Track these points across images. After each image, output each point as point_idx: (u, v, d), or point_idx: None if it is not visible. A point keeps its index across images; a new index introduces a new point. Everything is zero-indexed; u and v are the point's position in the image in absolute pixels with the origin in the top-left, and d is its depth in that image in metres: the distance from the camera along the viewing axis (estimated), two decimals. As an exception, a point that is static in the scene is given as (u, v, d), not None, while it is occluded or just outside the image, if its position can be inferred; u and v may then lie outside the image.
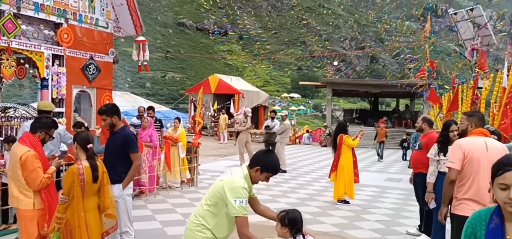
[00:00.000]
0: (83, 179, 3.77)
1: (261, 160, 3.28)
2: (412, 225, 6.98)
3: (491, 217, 2.00)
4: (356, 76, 63.33)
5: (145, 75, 56.88)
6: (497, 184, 1.98)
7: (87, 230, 3.81)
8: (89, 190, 3.85)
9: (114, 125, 4.81)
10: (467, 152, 3.87)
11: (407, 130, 24.61)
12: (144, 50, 9.04)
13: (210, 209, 3.20)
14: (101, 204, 4.01)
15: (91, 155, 3.90)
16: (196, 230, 3.18)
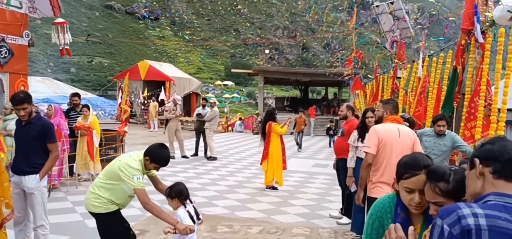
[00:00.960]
0: None
1: (152, 151, 3.71)
2: (335, 208, 7.27)
3: (396, 210, 2.05)
4: (288, 64, 64.68)
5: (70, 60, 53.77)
6: (402, 186, 1.99)
7: None
8: None
9: (31, 114, 4.50)
10: (382, 137, 4.08)
11: (331, 117, 25.64)
12: (65, 33, 8.49)
13: (105, 183, 3.72)
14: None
15: None
16: (93, 199, 3.74)
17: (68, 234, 5.62)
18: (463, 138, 5.91)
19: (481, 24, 5.91)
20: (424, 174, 1.87)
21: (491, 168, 1.42)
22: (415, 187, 1.92)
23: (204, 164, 12.06)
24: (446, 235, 1.32)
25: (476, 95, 5.81)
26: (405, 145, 4.06)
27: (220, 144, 17.16)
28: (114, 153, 9.75)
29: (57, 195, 7.66)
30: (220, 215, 6.82)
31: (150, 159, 3.69)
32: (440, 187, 1.72)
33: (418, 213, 1.97)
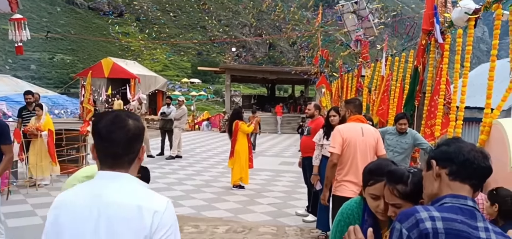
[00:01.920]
0: None
1: None
2: (301, 206, 7.34)
3: (364, 216, 2.05)
4: (255, 62, 64.81)
5: (30, 57, 51.90)
6: (368, 193, 1.99)
7: None
8: None
9: None
10: (346, 137, 4.15)
11: (302, 115, 25.91)
12: (21, 29, 8.16)
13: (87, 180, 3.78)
14: None
15: None
16: None
17: (28, 238, 5.41)
18: (424, 136, 6.09)
19: (441, 25, 6.10)
20: None
21: (447, 169, 1.46)
22: (380, 193, 1.91)
23: (169, 163, 11.91)
24: (405, 238, 1.34)
25: (435, 94, 6.00)
26: (368, 143, 4.16)
27: (187, 143, 16.99)
28: (76, 153, 9.47)
29: (15, 198, 7.37)
30: (186, 215, 6.75)
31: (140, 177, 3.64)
32: (398, 189, 1.75)
33: (386, 219, 1.97)
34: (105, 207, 1.54)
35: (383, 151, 4.31)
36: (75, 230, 1.55)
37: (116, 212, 1.53)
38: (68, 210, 1.58)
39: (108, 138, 1.57)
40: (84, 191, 1.62)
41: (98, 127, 1.58)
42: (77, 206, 1.57)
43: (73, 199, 1.61)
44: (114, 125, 1.58)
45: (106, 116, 1.62)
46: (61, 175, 9.13)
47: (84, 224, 1.54)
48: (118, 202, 1.54)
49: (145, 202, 1.56)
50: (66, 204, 1.60)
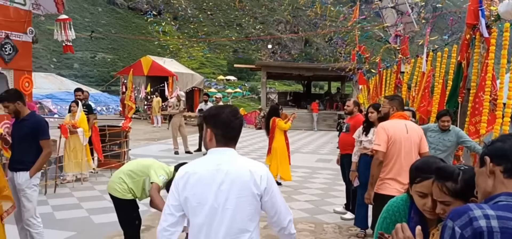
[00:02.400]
0: None
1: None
2: (339, 203, 7.28)
3: (410, 214, 2.03)
4: (290, 59, 64.55)
5: (73, 55, 53.75)
6: (415, 190, 1.97)
7: None
8: None
9: (18, 112, 4.53)
10: (391, 134, 4.09)
11: (338, 112, 25.63)
12: (67, 29, 8.51)
13: (132, 173, 4.26)
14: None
15: None
16: (117, 183, 4.25)
17: (74, 230, 5.65)
18: (468, 133, 5.90)
19: (486, 18, 5.88)
20: None
21: (502, 167, 1.41)
22: (428, 191, 1.89)
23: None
24: (458, 237, 1.30)
25: (481, 90, 5.79)
26: (413, 141, 4.08)
27: (223, 139, 17.14)
28: (118, 148, 9.77)
29: (62, 191, 7.70)
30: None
31: None
32: (447, 186, 1.71)
33: (433, 217, 1.93)
34: (226, 172, 2.10)
35: (427, 149, 4.20)
36: (202, 189, 2.10)
37: (235, 175, 2.10)
38: (195, 176, 2.12)
39: (229, 124, 2.17)
40: (207, 162, 2.17)
41: (222, 117, 2.17)
42: (203, 172, 2.12)
43: (199, 168, 2.16)
44: (233, 116, 2.20)
45: (226, 109, 2.21)
46: (103, 169, 9.48)
47: (210, 185, 2.09)
48: (235, 168, 2.12)
49: (253, 168, 2.14)
50: (194, 172, 2.14)
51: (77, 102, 8.54)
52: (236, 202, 2.08)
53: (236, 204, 2.08)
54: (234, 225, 2.08)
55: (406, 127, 4.14)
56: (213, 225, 2.09)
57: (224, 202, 2.08)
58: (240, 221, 2.09)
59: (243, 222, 2.10)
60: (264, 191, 2.11)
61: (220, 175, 2.09)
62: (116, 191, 4.25)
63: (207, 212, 2.09)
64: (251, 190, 2.09)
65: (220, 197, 2.08)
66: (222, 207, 2.08)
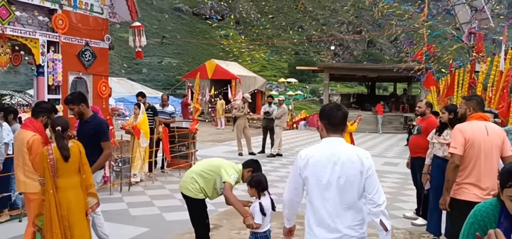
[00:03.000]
0: (52, 158, 3.86)
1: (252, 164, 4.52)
2: (409, 208, 7.02)
3: (500, 219, 1.94)
4: (353, 60, 63.26)
5: (142, 61, 56.46)
6: (507, 195, 1.88)
7: (59, 208, 3.86)
8: (62, 169, 3.91)
9: (82, 113, 4.80)
10: (468, 137, 3.87)
11: (404, 114, 24.71)
12: (140, 35, 8.96)
13: (203, 173, 4.43)
14: (83, 182, 4.08)
15: (57, 135, 3.96)
16: (189, 183, 4.44)
17: (148, 226, 5.93)
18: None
19: None
20: None
21: None
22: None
23: (271, 161, 12.16)
24: None
25: None
26: (494, 143, 3.83)
27: (286, 141, 17.17)
28: (186, 149, 10.12)
29: (136, 190, 8.10)
30: (290, 212, 6.84)
31: (252, 170, 4.41)
32: None
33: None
34: (338, 156, 2.65)
35: (510, 152, 3.91)
36: (320, 169, 2.66)
37: (345, 158, 2.64)
38: (314, 158, 2.69)
39: (332, 114, 2.75)
40: (322, 147, 2.73)
41: (326, 109, 2.81)
42: (319, 156, 2.69)
43: (315, 152, 2.72)
44: (336, 108, 2.80)
45: (330, 104, 2.86)
46: (172, 169, 9.87)
47: (325, 166, 2.65)
48: (345, 152, 2.67)
49: (359, 152, 2.69)
50: (312, 155, 2.71)
51: (139, 105, 8.74)
52: (346, 179, 2.63)
53: (346, 180, 2.63)
54: (345, 197, 2.63)
55: (486, 129, 3.90)
56: (328, 198, 2.65)
57: (337, 179, 2.63)
58: (350, 194, 2.65)
59: (352, 195, 2.65)
60: (367, 170, 2.64)
61: (334, 157, 2.64)
62: (188, 191, 4.45)
63: (323, 188, 2.65)
64: (359, 169, 2.62)
65: (334, 175, 2.63)
66: (336, 183, 2.63)
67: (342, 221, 2.65)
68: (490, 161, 3.78)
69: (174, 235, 5.64)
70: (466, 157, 3.87)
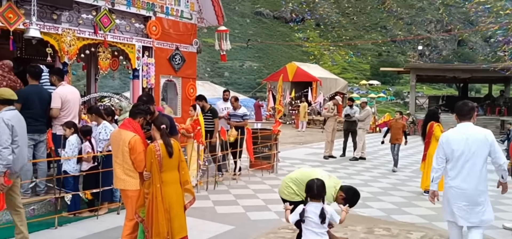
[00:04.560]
0: (159, 154, 4.15)
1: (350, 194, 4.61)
2: (508, 218, 6.47)
3: None
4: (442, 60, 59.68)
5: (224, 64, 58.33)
6: None
7: (163, 201, 4.15)
8: (167, 164, 4.21)
9: (153, 113, 5.13)
10: None
11: (502, 118, 22.78)
12: (225, 40, 9.27)
13: (296, 180, 4.71)
14: (181, 178, 4.35)
15: (163, 133, 4.26)
16: (284, 188, 4.81)
17: (233, 224, 6.09)
18: None
19: None
20: None
21: None
22: None
23: (353, 164, 11.88)
24: None
25: None
26: None
27: (369, 145, 16.66)
28: (268, 151, 10.24)
29: (220, 188, 8.37)
30: (376, 217, 6.65)
31: (345, 199, 4.50)
32: None
33: None
34: (469, 134, 4.22)
35: None
36: (457, 143, 4.23)
37: (474, 134, 4.21)
38: (452, 137, 4.31)
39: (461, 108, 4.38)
40: (456, 130, 4.33)
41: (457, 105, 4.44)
42: (456, 135, 4.30)
43: (452, 133, 4.34)
44: (463, 104, 4.40)
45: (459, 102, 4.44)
46: (255, 170, 10.05)
47: (460, 141, 4.22)
48: (474, 131, 4.24)
49: (484, 131, 4.26)
50: (451, 135, 4.33)
51: (194, 107, 8.08)
52: (477, 149, 4.17)
53: (477, 149, 4.16)
54: (477, 162, 4.17)
55: None
56: (465, 163, 4.21)
57: (469, 149, 4.18)
58: (480, 160, 4.18)
59: (481, 162, 4.18)
60: (491, 142, 4.16)
61: (466, 135, 4.23)
62: (284, 195, 4.80)
63: (460, 155, 4.22)
64: (485, 142, 4.17)
65: (467, 147, 4.18)
66: (469, 152, 4.18)
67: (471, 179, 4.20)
68: None
69: (259, 233, 5.73)
70: None
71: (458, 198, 4.25)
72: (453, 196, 4.28)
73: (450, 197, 4.33)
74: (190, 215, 6.15)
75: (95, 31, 7.21)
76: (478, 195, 4.19)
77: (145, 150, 4.26)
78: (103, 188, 6.20)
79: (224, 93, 10.32)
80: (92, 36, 7.21)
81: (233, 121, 9.48)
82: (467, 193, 4.20)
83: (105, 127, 6.43)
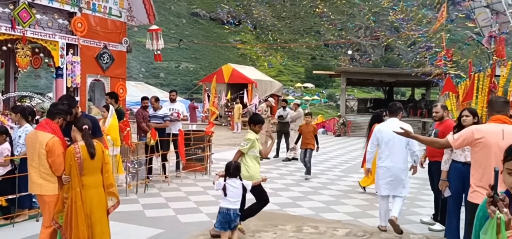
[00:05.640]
0: (79, 156, 3.94)
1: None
2: (426, 213, 6.91)
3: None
4: (370, 65, 62.71)
5: (159, 65, 57.11)
6: (506, 168, 2.04)
7: (84, 205, 3.94)
8: (88, 167, 4.00)
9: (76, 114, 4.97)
10: (480, 136, 3.82)
11: (423, 120, 24.36)
12: (158, 39, 9.07)
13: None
14: (104, 181, 4.16)
15: (85, 134, 4.04)
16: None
17: (163, 227, 5.95)
18: None
19: None
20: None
21: None
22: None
23: (286, 165, 12.12)
24: None
25: None
26: None
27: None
28: (201, 152, 10.15)
29: (151, 192, 8.16)
30: (305, 215, 6.81)
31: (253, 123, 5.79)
32: None
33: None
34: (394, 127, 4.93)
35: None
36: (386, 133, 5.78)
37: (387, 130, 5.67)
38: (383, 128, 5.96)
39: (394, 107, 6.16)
40: (386, 123, 6.04)
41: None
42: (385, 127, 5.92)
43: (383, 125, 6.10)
44: (394, 104, 6.19)
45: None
46: (188, 172, 9.91)
47: (388, 132, 5.62)
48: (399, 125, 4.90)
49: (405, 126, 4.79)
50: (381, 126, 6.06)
51: (107, 107, 7.40)
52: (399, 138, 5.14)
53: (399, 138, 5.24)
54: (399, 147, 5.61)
55: (503, 132, 3.81)
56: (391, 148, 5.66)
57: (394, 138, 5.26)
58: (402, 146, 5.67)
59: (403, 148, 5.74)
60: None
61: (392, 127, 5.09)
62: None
63: (388, 142, 5.54)
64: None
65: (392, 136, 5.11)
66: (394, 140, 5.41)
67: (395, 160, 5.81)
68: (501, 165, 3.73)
69: (189, 236, 5.65)
70: (478, 158, 3.83)
71: (386, 174, 5.78)
72: (382, 174, 5.80)
73: (380, 174, 5.83)
74: (117, 220, 5.94)
75: (12, 26, 6.74)
76: (400, 173, 5.77)
77: (65, 152, 4.04)
78: (20, 194, 5.78)
79: (171, 94, 9.99)
80: (10, 31, 6.73)
81: (154, 122, 8.87)
82: (391, 171, 5.75)
83: (26, 130, 6.00)
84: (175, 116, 9.27)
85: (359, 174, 11.00)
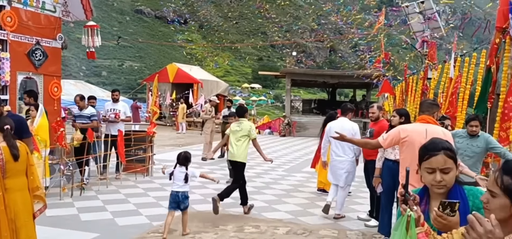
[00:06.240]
0: (1, 158, 3.69)
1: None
2: (363, 210, 7.16)
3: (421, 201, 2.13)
4: (315, 67, 64.29)
5: (101, 63, 55.16)
6: (424, 167, 2.11)
7: (7, 210, 3.70)
8: (11, 169, 3.76)
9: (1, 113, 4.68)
10: (405, 135, 4.04)
11: (363, 120, 25.28)
12: (94, 36, 8.72)
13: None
14: (30, 184, 3.92)
15: (7, 134, 3.79)
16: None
17: (98, 231, 5.73)
18: (498, 140, 5.72)
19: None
20: (443, 154, 2.04)
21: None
22: (435, 166, 2.05)
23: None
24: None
25: (510, 95, 5.61)
26: None
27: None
28: (143, 153, 9.90)
29: (88, 194, 7.83)
30: (246, 215, 6.83)
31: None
32: (503, 179, 1.65)
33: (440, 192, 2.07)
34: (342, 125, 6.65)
35: None
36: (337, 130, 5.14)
37: (346, 126, 6.65)
38: (334, 126, 6.58)
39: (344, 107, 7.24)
40: (337, 122, 6.97)
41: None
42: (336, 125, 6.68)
43: (334, 123, 6.87)
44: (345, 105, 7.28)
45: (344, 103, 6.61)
46: (128, 173, 9.62)
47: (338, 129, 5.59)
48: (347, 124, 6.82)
49: (352, 124, 6.83)
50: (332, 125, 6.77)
51: (37, 106, 6.93)
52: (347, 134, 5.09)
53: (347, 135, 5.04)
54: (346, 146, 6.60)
55: (426, 132, 4.03)
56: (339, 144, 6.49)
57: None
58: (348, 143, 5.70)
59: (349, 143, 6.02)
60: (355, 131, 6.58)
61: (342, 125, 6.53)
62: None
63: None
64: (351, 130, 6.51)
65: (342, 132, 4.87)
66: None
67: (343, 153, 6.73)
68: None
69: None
70: (405, 157, 4.03)
71: (336, 166, 6.76)
72: (334, 165, 6.81)
73: (332, 166, 6.85)
74: (49, 225, 5.66)
75: None
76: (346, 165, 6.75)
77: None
78: None
79: (113, 93, 9.62)
80: None
81: (79, 123, 8.35)
82: (339, 163, 6.72)
83: None
84: (113, 117, 8.96)
85: (302, 173, 11.24)
